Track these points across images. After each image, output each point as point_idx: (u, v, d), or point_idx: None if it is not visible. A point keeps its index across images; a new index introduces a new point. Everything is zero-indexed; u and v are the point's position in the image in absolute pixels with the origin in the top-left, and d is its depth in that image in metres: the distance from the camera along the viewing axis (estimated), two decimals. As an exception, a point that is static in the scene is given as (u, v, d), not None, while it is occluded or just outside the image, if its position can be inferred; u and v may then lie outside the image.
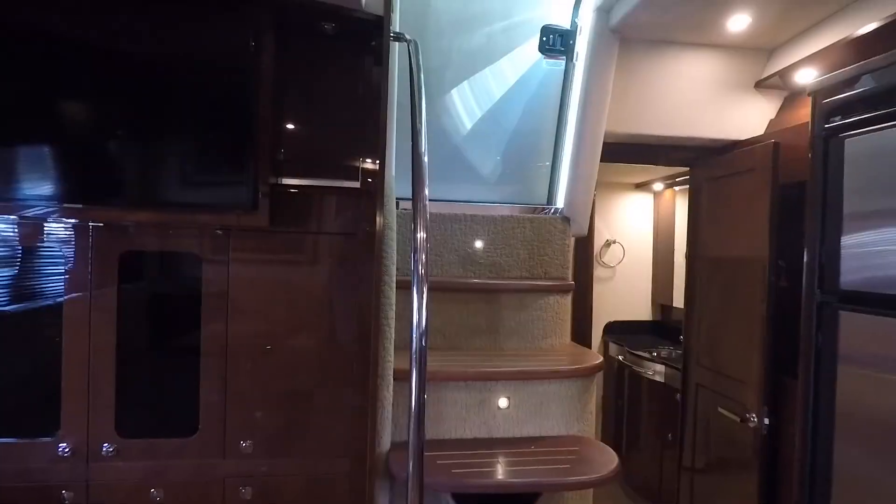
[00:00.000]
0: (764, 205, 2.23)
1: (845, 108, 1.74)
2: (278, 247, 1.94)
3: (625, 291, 4.27)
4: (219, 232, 1.89)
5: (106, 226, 1.81)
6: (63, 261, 1.82)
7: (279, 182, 1.91)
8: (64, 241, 1.82)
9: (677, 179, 3.71)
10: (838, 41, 2.13)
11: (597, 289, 4.16)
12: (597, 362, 2.08)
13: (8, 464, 1.81)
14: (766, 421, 2.19)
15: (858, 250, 1.67)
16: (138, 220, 1.81)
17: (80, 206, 1.71)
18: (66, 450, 1.83)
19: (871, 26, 2.00)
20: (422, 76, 1.65)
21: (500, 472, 1.74)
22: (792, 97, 2.57)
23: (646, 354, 3.59)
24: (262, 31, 1.78)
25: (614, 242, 4.24)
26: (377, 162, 1.88)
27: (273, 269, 1.94)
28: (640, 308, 4.28)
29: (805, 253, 1.86)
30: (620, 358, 3.89)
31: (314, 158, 2.00)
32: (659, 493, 3.30)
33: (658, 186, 4.08)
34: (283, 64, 1.88)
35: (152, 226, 1.85)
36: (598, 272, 4.18)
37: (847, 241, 1.70)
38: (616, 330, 4.20)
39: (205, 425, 1.90)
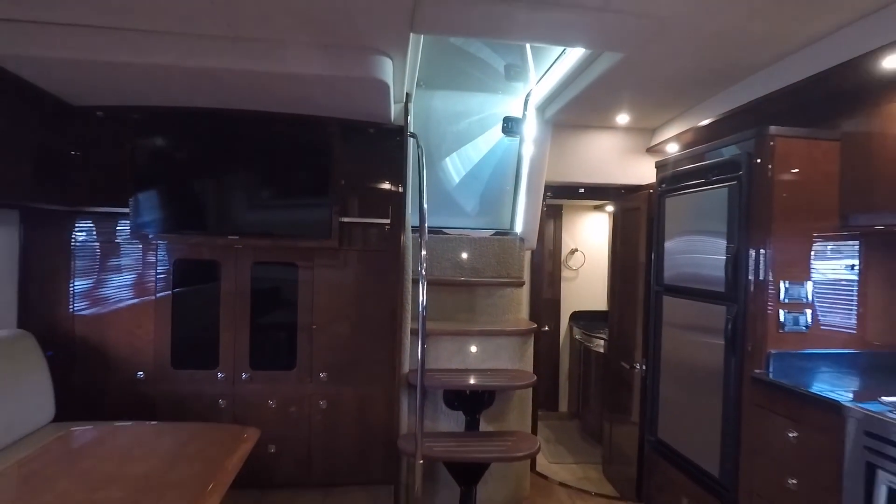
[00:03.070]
0: (643, 229, 3.46)
1: (666, 181, 2.98)
2: (341, 258, 3.22)
3: (586, 288, 5.32)
4: (308, 250, 3.17)
5: (244, 247, 3.12)
6: (221, 266, 3.12)
7: (342, 219, 3.19)
8: (224, 255, 3.11)
9: (622, 204, 4.87)
10: (688, 128, 3.32)
11: (564, 286, 5.37)
12: (532, 327, 3.26)
13: (189, 386, 3.08)
14: (644, 367, 3.41)
15: (669, 257, 2.91)
16: (263, 245, 3.12)
17: (237, 237, 3.02)
18: (222, 376, 3.10)
19: (707, 121, 3.20)
20: (425, 170, 2.86)
21: (471, 380, 2.92)
22: (669, 160, 3.77)
23: (595, 333, 4.70)
24: (335, 132, 3.08)
25: (577, 251, 5.32)
26: (400, 206, 3.15)
27: (338, 271, 3.21)
28: (598, 301, 5.31)
29: (652, 260, 3.11)
30: (578, 338, 5.02)
31: (362, 204, 3.24)
32: (600, 435, 4.49)
33: (610, 208, 5.09)
34: (345, 148, 3.17)
35: (270, 247, 3.15)
36: (565, 273, 5.33)
37: (667, 249, 2.93)
38: (579, 318, 5.24)
39: (299, 363, 3.16)
